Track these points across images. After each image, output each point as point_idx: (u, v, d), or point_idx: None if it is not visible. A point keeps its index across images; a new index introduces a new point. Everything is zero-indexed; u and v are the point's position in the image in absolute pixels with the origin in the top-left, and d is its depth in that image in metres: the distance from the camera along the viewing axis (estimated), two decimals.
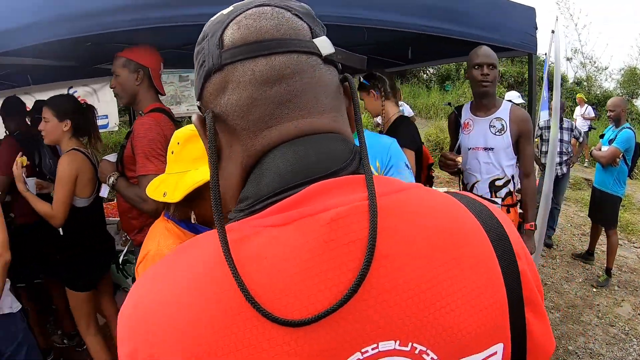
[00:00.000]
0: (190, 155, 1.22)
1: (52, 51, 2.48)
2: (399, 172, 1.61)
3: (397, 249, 0.40)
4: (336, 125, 0.48)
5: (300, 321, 0.36)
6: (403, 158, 1.65)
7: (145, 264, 1.17)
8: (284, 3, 0.48)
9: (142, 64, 1.98)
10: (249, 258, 0.38)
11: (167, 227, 1.26)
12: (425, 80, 14.60)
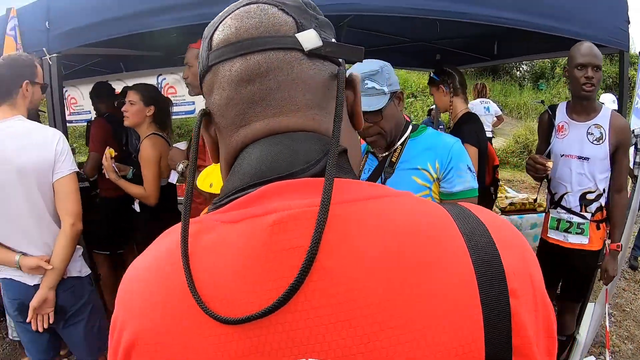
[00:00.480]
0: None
1: (141, 42, 2.70)
2: (459, 174, 1.51)
3: (341, 263, 0.36)
4: (313, 123, 0.45)
5: (227, 319, 0.35)
6: (466, 160, 1.52)
7: None
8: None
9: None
10: (202, 250, 0.40)
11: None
12: (518, 77, 13.59)
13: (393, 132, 1.56)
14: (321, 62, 0.46)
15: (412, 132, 1.60)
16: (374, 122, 1.50)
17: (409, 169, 1.54)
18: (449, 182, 1.52)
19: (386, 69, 1.51)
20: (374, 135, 1.54)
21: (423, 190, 1.53)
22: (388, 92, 1.48)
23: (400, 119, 1.58)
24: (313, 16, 0.48)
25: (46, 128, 1.84)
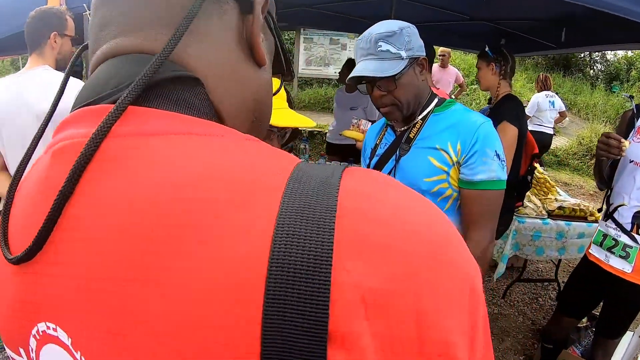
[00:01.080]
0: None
1: None
2: (484, 161, 1.29)
3: (95, 213, 0.30)
4: (154, 44, 0.36)
5: (10, 258, 0.33)
6: (494, 144, 1.31)
7: None
8: None
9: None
10: (25, 181, 0.38)
11: None
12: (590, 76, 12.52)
13: (412, 103, 1.36)
14: None
15: (437, 106, 1.40)
16: (388, 90, 1.32)
17: (426, 148, 1.36)
18: (470, 168, 1.31)
19: (407, 30, 1.30)
20: (387, 105, 1.35)
21: (439, 174, 1.34)
22: (406, 57, 1.28)
23: (421, 90, 1.38)
24: None
25: (79, 82, 1.87)
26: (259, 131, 0.45)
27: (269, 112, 0.47)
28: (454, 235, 0.31)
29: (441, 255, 0.29)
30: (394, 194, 0.31)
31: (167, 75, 0.34)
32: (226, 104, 0.39)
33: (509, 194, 2.30)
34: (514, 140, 2.20)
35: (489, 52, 2.38)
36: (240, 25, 0.40)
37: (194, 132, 0.32)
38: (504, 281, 3.40)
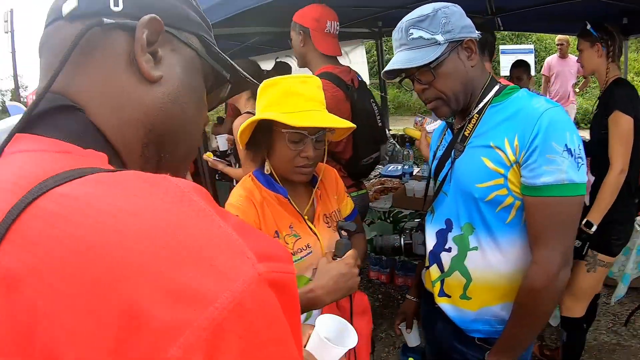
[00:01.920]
0: (260, 104, 1.25)
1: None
2: (549, 160, 1.01)
3: None
4: (55, 86, 0.44)
5: None
6: (564, 137, 1.02)
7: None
8: None
9: (303, 25, 1.99)
10: None
11: (246, 180, 1.33)
12: None
13: (460, 95, 1.15)
14: (82, 22, 0.45)
15: (496, 96, 1.16)
16: (428, 82, 1.14)
17: (480, 147, 1.13)
18: (530, 169, 1.03)
19: (445, 11, 1.11)
20: (432, 100, 1.18)
21: (495, 178, 1.09)
22: (444, 41, 1.10)
23: (472, 78, 1.16)
24: None
25: None
26: (171, 146, 0.51)
27: (182, 128, 0.52)
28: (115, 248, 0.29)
29: (78, 265, 0.28)
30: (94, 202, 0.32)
31: (49, 106, 0.42)
32: (110, 124, 0.46)
33: (629, 199, 2.00)
34: (629, 132, 1.90)
35: (592, 31, 2.07)
36: (131, 48, 0.46)
37: (40, 149, 0.39)
38: (629, 305, 2.80)
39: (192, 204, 0.34)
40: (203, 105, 0.57)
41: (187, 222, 0.32)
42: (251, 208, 1.23)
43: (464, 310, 1.21)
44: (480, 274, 1.16)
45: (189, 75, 0.52)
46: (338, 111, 1.85)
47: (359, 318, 1.34)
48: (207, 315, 0.27)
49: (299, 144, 1.19)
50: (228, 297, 0.28)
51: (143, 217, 0.30)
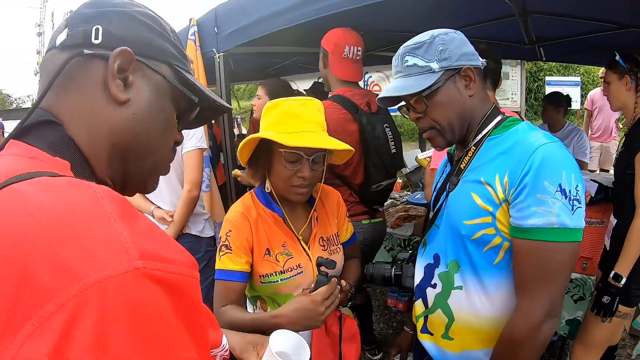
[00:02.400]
0: (263, 124, 1.29)
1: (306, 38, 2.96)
2: (539, 200, 0.93)
3: None
4: (45, 103, 0.55)
5: None
6: (557, 177, 0.94)
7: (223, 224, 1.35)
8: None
9: (325, 48, 2.04)
10: None
11: (246, 196, 1.38)
12: None
13: (456, 125, 1.10)
14: (69, 51, 0.55)
15: (496, 128, 1.10)
16: (422, 111, 1.10)
17: (472, 182, 1.08)
18: (518, 210, 0.96)
19: (443, 38, 1.07)
20: (426, 130, 1.14)
21: (482, 216, 1.02)
22: (440, 69, 1.06)
23: (469, 108, 1.10)
24: (84, 15, 0.58)
25: None
26: (137, 161, 0.60)
27: (147, 143, 0.61)
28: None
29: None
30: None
31: (37, 120, 0.53)
32: (82, 138, 0.56)
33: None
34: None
35: (620, 62, 1.93)
36: (106, 74, 0.56)
37: (14, 154, 0.50)
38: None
39: (97, 206, 0.42)
40: (171, 125, 0.64)
41: (85, 218, 0.40)
42: (245, 224, 1.28)
43: (446, 351, 1.15)
44: (463, 315, 1.10)
45: (157, 99, 0.60)
46: (344, 133, 1.86)
47: (348, 343, 1.34)
48: (76, 286, 0.35)
49: (295, 163, 1.22)
50: (95, 278, 0.36)
51: (55, 210, 0.40)
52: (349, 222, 1.51)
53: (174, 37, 0.65)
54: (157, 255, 0.40)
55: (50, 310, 0.34)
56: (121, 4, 0.60)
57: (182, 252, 0.44)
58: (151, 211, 2.25)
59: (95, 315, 0.35)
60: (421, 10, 2.61)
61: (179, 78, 0.63)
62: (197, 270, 0.44)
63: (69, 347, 0.34)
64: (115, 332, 0.35)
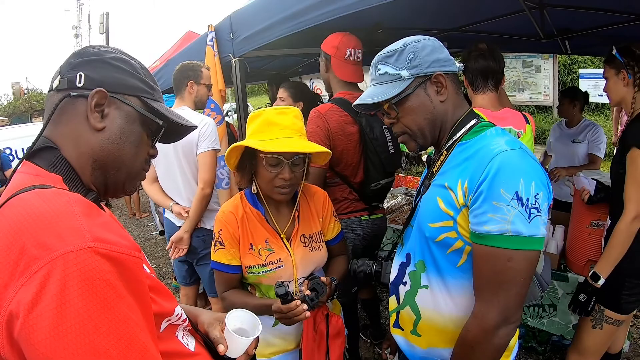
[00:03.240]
0: (247, 132, 1.43)
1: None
2: (495, 207, 0.94)
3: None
4: (46, 132, 0.78)
5: None
6: (512, 185, 0.94)
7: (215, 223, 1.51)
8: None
9: (326, 52, 2.13)
10: None
11: (236, 196, 1.53)
12: None
13: (427, 130, 1.13)
14: (62, 93, 0.77)
15: (467, 133, 1.12)
16: (395, 117, 1.15)
17: (438, 186, 1.11)
18: (475, 215, 0.99)
19: (414, 45, 1.09)
20: (399, 135, 1.18)
21: (445, 220, 1.05)
22: (410, 76, 1.08)
23: (440, 113, 1.12)
24: (72, 64, 0.78)
25: (200, 116, 2.45)
26: (113, 172, 0.81)
27: (120, 158, 0.81)
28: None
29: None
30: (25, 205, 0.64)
31: (41, 146, 0.76)
32: (74, 158, 0.77)
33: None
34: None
35: (617, 55, 1.83)
36: (88, 109, 0.76)
37: (26, 172, 0.73)
38: None
39: (68, 207, 0.63)
40: (141, 144, 0.85)
41: (59, 215, 0.61)
42: (232, 221, 1.43)
43: (414, 346, 1.20)
44: (429, 313, 1.15)
45: (128, 125, 0.81)
46: (344, 134, 1.98)
47: (334, 339, 1.47)
48: (50, 256, 0.56)
49: (276, 167, 1.35)
50: (61, 251, 0.57)
51: (42, 210, 0.62)
52: (336, 221, 1.61)
53: (143, 74, 0.85)
54: (106, 239, 0.60)
55: (34, 270, 0.56)
56: (99, 53, 0.81)
57: (127, 239, 0.65)
58: (170, 206, 2.43)
59: (59, 274, 0.55)
60: (436, 7, 2.63)
61: (146, 107, 0.83)
62: (138, 252, 0.66)
63: (45, 292, 0.54)
64: (71, 287, 0.55)
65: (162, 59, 6.87)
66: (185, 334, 0.86)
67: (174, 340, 0.81)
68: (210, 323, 1.01)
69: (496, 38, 3.75)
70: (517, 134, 1.91)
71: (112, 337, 0.57)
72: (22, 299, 0.54)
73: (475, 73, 1.93)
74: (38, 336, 0.53)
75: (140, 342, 0.61)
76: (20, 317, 0.54)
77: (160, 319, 0.75)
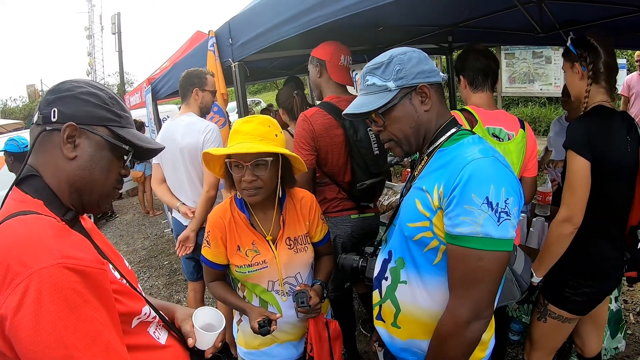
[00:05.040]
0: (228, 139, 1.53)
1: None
2: (467, 211, 1.01)
3: None
4: (31, 161, 0.91)
5: None
6: (483, 191, 1.01)
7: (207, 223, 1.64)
8: None
9: (320, 59, 2.23)
10: None
11: (226, 200, 1.64)
12: None
13: (412, 138, 1.21)
14: (40, 127, 0.89)
15: (447, 141, 1.19)
16: (382, 126, 1.22)
17: (417, 188, 1.18)
18: (449, 218, 1.06)
19: (400, 58, 1.16)
20: (386, 142, 1.26)
21: (422, 220, 1.12)
22: (396, 87, 1.15)
23: (423, 122, 1.19)
24: (48, 100, 0.90)
25: (205, 122, 2.56)
26: (87, 194, 0.93)
27: (92, 182, 0.93)
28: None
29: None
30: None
31: (26, 174, 0.89)
32: (54, 184, 0.89)
33: (605, 253, 1.67)
34: (580, 176, 1.61)
35: (570, 47, 1.73)
36: (60, 141, 0.88)
37: (14, 198, 0.86)
38: None
39: (43, 231, 0.78)
40: (111, 167, 0.96)
41: (35, 238, 0.76)
42: (220, 225, 1.55)
43: (395, 338, 1.28)
44: (408, 307, 1.22)
45: (97, 152, 0.92)
46: (328, 136, 2.09)
47: (335, 341, 1.61)
48: (28, 272, 0.70)
49: (239, 170, 1.45)
50: (36, 268, 0.70)
51: (21, 234, 0.76)
52: (323, 224, 1.70)
53: (111, 104, 0.96)
54: (72, 256, 0.75)
55: (17, 282, 0.69)
56: (70, 89, 0.92)
57: (92, 253, 0.81)
58: (177, 207, 2.55)
59: (35, 286, 0.69)
60: (434, 4, 2.66)
61: (113, 135, 0.95)
62: (102, 264, 0.79)
63: (25, 300, 0.68)
64: (45, 295, 0.69)
65: (171, 60, 7.02)
66: (158, 329, 1.00)
67: (145, 335, 0.94)
68: (183, 319, 1.14)
69: (497, 33, 3.77)
70: (507, 135, 1.93)
71: (79, 334, 0.71)
72: (9, 305, 0.69)
73: (477, 72, 1.96)
74: (21, 333, 0.68)
75: (104, 338, 0.75)
76: (8, 319, 0.68)
77: (130, 318, 0.90)
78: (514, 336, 2.81)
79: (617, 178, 1.66)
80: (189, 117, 2.57)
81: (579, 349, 2.07)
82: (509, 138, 1.93)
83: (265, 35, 2.42)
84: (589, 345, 2.02)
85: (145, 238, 6.40)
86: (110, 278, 0.84)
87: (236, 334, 1.72)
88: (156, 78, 5.19)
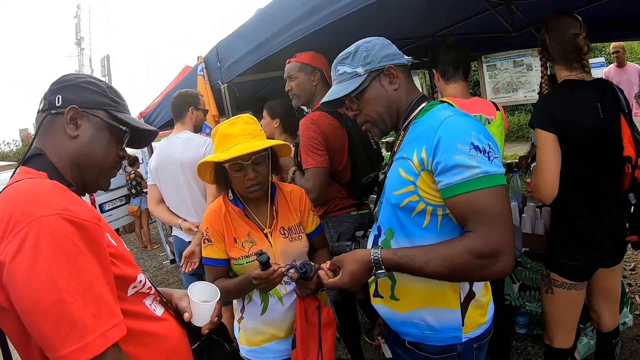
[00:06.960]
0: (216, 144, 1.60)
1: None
2: (457, 160, 1.05)
3: None
4: (36, 143, 1.02)
5: None
6: (466, 138, 1.07)
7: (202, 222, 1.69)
8: None
9: (316, 67, 2.30)
10: None
11: (219, 197, 1.70)
12: None
13: (386, 116, 1.29)
14: (45, 113, 1.01)
15: (419, 113, 1.25)
16: (357, 109, 1.31)
17: (399, 159, 1.23)
18: (441, 174, 1.08)
19: (365, 46, 1.26)
20: (363, 123, 1.34)
21: (406, 186, 1.16)
22: (364, 72, 1.24)
23: (395, 100, 1.27)
24: (52, 90, 1.01)
25: (203, 137, 2.65)
26: (87, 170, 1.03)
27: (92, 159, 1.03)
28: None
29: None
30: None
31: (32, 153, 1.00)
32: (57, 161, 0.99)
33: (585, 219, 1.70)
34: (546, 149, 1.68)
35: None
36: (64, 123, 0.99)
37: (20, 172, 0.95)
38: None
39: (46, 189, 0.86)
40: (109, 146, 1.06)
41: (39, 194, 0.83)
42: (217, 218, 1.60)
43: (394, 312, 1.29)
44: (402, 277, 1.24)
45: (97, 132, 1.03)
46: (335, 136, 2.18)
47: (326, 329, 1.59)
48: (29, 219, 0.77)
49: (240, 171, 1.53)
50: (36, 216, 0.77)
51: (27, 191, 0.84)
52: (314, 215, 1.76)
53: (109, 92, 1.07)
54: (71, 209, 0.82)
55: (18, 230, 0.76)
56: (72, 79, 1.04)
57: (91, 210, 0.87)
58: (179, 224, 2.60)
59: (35, 232, 0.76)
60: (418, 13, 2.80)
61: (111, 117, 1.05)
62: (98, 220, 0.86)
63: (24, 245, 0.74)
64: (43, 241, 0.75)
65: (162, 95, 7.16)
66: (154, 303, 1.05)
67: (141, 305, 1.00)
68: (180, 297, 1.21)
69: (475, 40, 3.92)
70: (487, 120, 2.03)
71: (72, 280, 0.76)
72: (8, 251, 0.75)
73: (447, 63, 2.08)
74: (18, 277, 0.73)
75: (97, 289, 0.79)
76: (6, 264, 0.74)
77: (125, 283, 0.93)
78: (521, 329, 2.81)
79: (591, 144, 1.69)
80: (186, 134, 2.66)
81: (596, 324, 2.08)
82: (489, 122, 2.03)
83: (252, 54, 2.54)
84: (604, 319, 2.04)
85: (145, 271, 6.37)
86: (107, 242, 0.88)
87: (237, 333, 1.73)
88: (148, 111, 5.27)
